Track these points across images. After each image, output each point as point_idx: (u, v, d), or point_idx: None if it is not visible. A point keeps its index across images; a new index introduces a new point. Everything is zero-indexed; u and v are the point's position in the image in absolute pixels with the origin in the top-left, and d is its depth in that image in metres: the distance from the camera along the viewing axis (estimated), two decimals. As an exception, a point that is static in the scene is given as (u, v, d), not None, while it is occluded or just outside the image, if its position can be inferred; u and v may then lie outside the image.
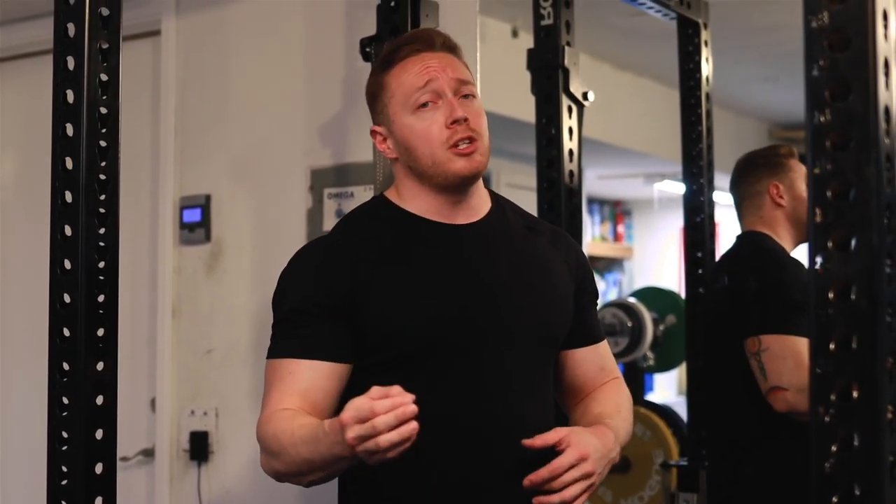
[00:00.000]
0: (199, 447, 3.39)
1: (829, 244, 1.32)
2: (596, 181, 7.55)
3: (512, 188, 6.23)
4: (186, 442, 3.42)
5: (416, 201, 2.10)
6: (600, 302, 2.42)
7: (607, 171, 7.29)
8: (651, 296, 4.99)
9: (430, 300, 2.03)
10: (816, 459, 1.32)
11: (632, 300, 4.87)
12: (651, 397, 6.85)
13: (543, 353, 2.14)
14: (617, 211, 8.61)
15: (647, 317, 4.73)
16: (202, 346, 3.43)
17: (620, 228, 8.63)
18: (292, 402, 1.97)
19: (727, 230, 6.93)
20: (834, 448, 1.31)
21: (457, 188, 2.07)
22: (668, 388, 7.94)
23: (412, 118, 2.05)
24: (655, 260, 8.51)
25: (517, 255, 2.14)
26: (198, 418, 3.40)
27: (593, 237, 8.24)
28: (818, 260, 1.33)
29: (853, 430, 1.30)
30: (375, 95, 2.12)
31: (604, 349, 2.28)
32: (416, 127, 2.04)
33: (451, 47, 2.11)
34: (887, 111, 1.33)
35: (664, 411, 4.69)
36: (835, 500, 1.31)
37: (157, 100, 3.57)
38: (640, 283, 7.95)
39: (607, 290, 8.39)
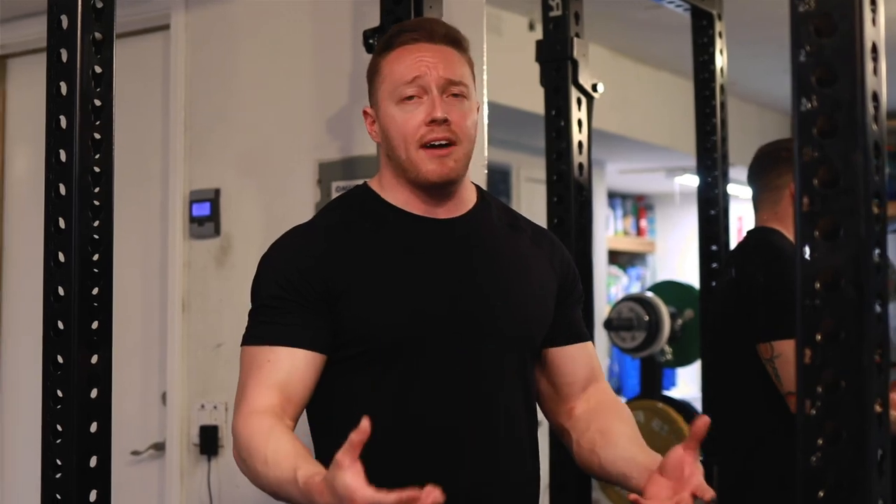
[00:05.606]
0: (209, 441, 3.38)
1: (816, 233, 1.30)
2: (618, 176, 7.51)
3: (532, 182, 6.20)
4: (196, 436, 3.42)
5: (397, 193, 2.07)
6: (622, 296, 2.38)
7: (628, 166, 7.25)
8: (669, 290, 4.95)
9: (406, 297, 1.99)
10: (803, 453, 1.30)
11: (649, 294, 4.84)
12: (674, 392, 6.82)
13: (520, 352, 2.08)
14: (639, 205, 8.56)
15: (665, 311, 4.69)
16: (212, 340, 3.42)
17: (643, 223, 8.58)
18: (270, 397, 1.93)
19: (750, 225, 6.89)
20: (820, 441, 1.29)
21: (430, 189, 2.04)
22: (690, 383, 7.90)
23: (395, 109, 2.01)
24: (678, 254, 8.45)
25: (497, 253, 2.09)
26: (207, 412, 3.40)
27: (615, 232, 8.20)
28: (805, 249, 1.31)
29: (840, 424, 1.28)
30: (371, 77, 2.10)
31: (592, 349, 2.23)
32: (397, 118, 2.01)
33: (453, 40, 2.05)
34: (875, 97, 1.30)
35: (682, 406, 4.66)
36: (821, 494, 1.28)
37: (166, 94, 3.57)
38: (662, 278, 7.90)
39: (630, 284, 8.34)
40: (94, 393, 1.96)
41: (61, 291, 1.95)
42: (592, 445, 2.08)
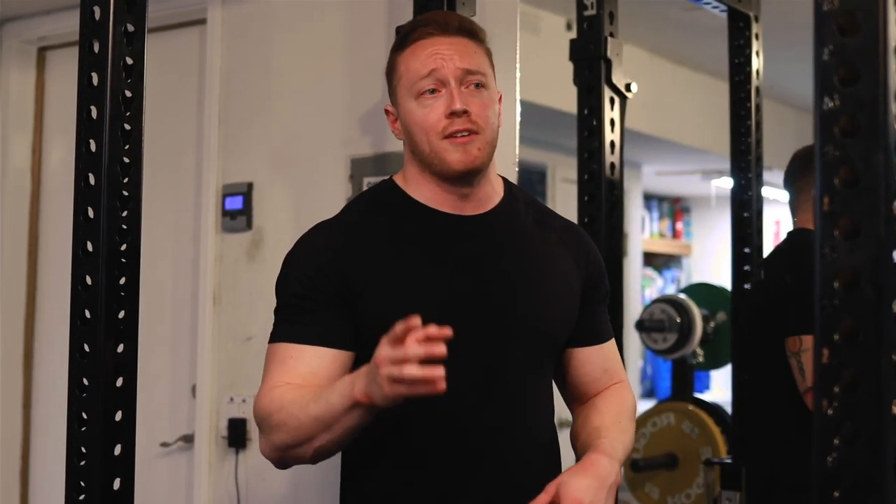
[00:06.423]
0: (237, 434, 3.40)
1: (836, 233, 1.29)
2: (654, 178, 7.48)
3: (567, 183, 6.20)
4: (225, 429, 3.44)
5: (421, 189, 2.06)
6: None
7: (665, 168, 7.22)
8: (702, 292, 4.92)
9: (427, 295, 1.99)
10: (819, 453, 1.29)
11: (681, 296, 4.81)
12: (708, 396, 6.77)
13: (541, 352, 2.08)
14: (675, 208, 8.53)
15: (697, 313, 4.66)
16: (242, 333, 3.44)
17: (679, 225, 8.55)
18: (291, 381, 1.94)
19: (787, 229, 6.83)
20: (837, 442, 1.28)
21: (456, 180, 2.03)
22: (725, 387, 7.84)
23: (414, 104, 2.01)
24: (713, 257, 8.42)
25: (522, 251, 2.08)
26: (236, 405, 3.42)
27: (651, 234, 8.17)
28: (824, 249, 1.30)
29: (857, 424, 1.27)
30: (389, 75, 2.09)
31: (609, 350, 2.21)
32: (417, 113, 2.00)
33: (468, 31, 2.05)
34: (899, 97, 1.29)
35: (713, 409, 4.63)
36: (836, 495, 1.27)
37: (201, 88, 3.59)
38: (698, 281, 7.87)
39: (664, 287, 8.31)
40: (119, 382, 1.97)
41: (89, 280, 1.96)
42: (575, 440, 2.12)
